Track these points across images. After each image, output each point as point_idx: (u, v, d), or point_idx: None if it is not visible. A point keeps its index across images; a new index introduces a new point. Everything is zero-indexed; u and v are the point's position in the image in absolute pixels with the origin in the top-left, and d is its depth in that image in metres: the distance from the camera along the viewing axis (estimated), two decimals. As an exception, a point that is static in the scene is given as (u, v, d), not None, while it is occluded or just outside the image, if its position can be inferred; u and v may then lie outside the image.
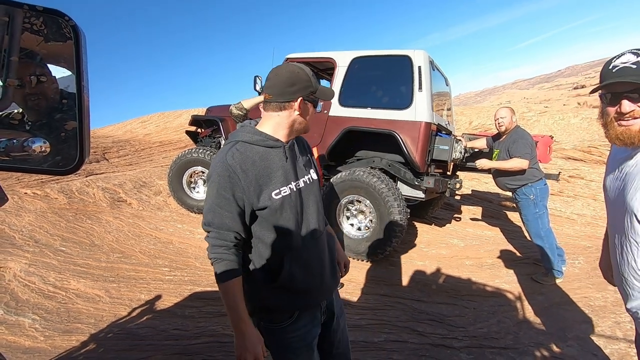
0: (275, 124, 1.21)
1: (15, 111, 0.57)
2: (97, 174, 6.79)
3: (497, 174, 3.62)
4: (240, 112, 3.37)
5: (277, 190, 1.16)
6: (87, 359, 2.33)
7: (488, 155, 3.91)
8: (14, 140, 0.57)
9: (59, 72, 0.56)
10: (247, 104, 3.40)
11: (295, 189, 1.21)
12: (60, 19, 0.52)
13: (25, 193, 4.91)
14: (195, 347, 2.46)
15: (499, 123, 3.53)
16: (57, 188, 5.14)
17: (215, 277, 1.12)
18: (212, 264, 1.13)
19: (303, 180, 1.26)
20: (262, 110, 1.25)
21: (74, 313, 2.89)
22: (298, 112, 1.20)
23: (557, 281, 3.39)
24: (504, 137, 3.56)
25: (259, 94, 4.23)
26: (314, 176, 1.33)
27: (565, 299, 3.13)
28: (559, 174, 4.51)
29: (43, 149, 0.57)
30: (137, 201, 5.19)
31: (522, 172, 3.36)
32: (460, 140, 4.07)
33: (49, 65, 0.56)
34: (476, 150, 4.22)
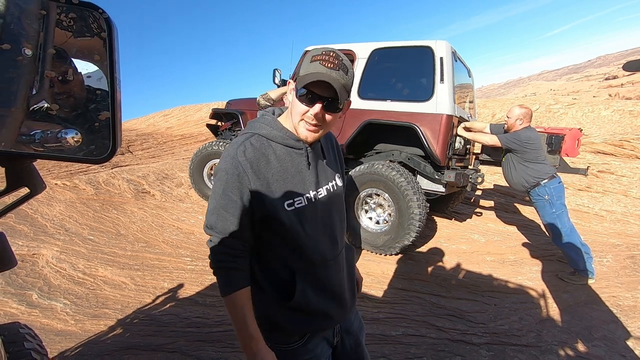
0: (286, 114, 1.07)
1: (50, 104, 0.59)
2: (122, 166, 7.01)
3: (507, 174, 3.61)
4: (268, 103, 3.36)
5: (291, 201, 0.99)
6: (115, 343, 2.43)
7: (496, 153, 3.95)
8: (49, 132, 0.59)
9: (92, 64, 0.58)
10: (274, 94, 3.39)
11: (314, 200, 1.03)
12: (95, 11, 0.54)
13: (56, 184, 5.13)
14: (216, 334, 2.53)
15: (505, 120, 3.60)
16: (85, 179, 5.35)
17: (220, 288, 0.97)
18: (214, 274, 0.98)
19: (326, 188, 1.08)
20: (285, 101, 1.09)
21: (101, 299, 3.02)
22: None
23: (590, 282, 3.25)
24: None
25: (278, 87, 4.24)
26: (339, 183, 1.15)
27: (592, 297, 3.03)
28: (587, 169, 4.33)
29: (75, 139, 0.60)
30: (160, 193, 5.33)
31: (529, 168, 3.37)
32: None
33: (82, 58, 0.58)
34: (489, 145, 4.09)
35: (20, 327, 1.40)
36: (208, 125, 5.82)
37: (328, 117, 0.98)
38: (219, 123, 5.70)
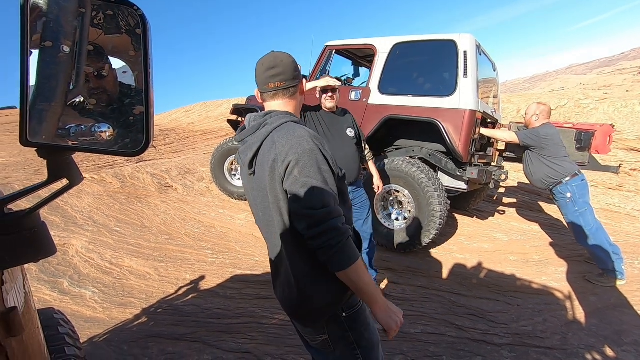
0: (290, 110, 1.16)
1: (87, 99, 0.61)
2: (146, 161, 7.22)
3: (528, 171, 3.53)
4: None
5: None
6: (140, 331, 2.52)
7: (519, 150, 3.85)
8: (82, 126, 0.62)
9: (126, 60, 0.60)
10: None
11: None
12: (130, 9, 0.56)
13: (85, 177, 5.34)
14: (236, 326, 2.58)
15: (523, 116, 3.58)
16: (112, 173, 5.54)
17: (346, 261, 0.97)
18: (339, 251, 0.96)
19: None
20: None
21: (127, 288, 3.14)
22: (302, 94, 1.21)
23: (619, 283, 3.12)
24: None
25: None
26: None
27: (622, 301, 2.91)
28: (619, 167, 4.14)
29: (108, 133, 0.62)
30: (182, 187, 5.47)
31: (549, 166, 3.30)
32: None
33: (117, 54, 0.60)
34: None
35: (55, 313, 1.48)
36: (229, 121, 5.90)
37: None
38: (240, 119, 5.77)
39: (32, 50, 0.54)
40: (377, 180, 2.98)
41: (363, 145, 2.94)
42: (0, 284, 0.58)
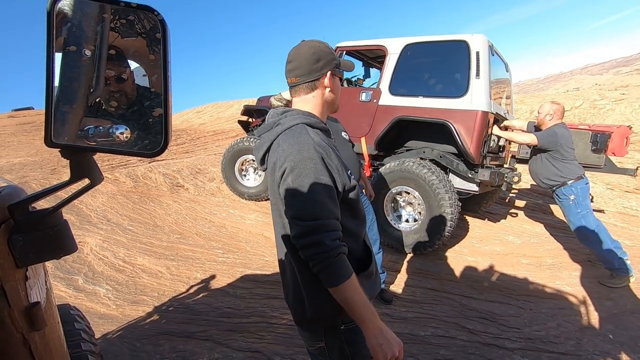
0: (311, 108, 1.10)
1: (108, 101, 0.63)
2: (158, 161, 7.32)
3: (533, 169, 3.50)
4: (280, 104, 3.42)
5: (349, 172, 1.09)
6: (153, 328, 2.56)
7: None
8: (101, 127, 0.64)
9: (146, 63, 0.62)
10: (288, 94, 3.43)
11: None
12: (150, 14, 0.57)
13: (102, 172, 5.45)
14: (246, 325, 2.60)
15: (536, 116, 3.54)
16: (125, 173, 5.64)
17: (334, 279, 0.92)
18: (326, 267, 0.91)
19: None
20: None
21: (140, 286, 3.19)
22: (329, 89, 1.10)
23: (632, 280, 3.08)
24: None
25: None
26: None
27: (638, 306, 2.84)
28: (636, 169, 4.04)
29: (125, 135, 0.64)
30: (194, 187, 5.53)
31: (557, 167, 3.27)
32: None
33: (137, 58, 0.62)
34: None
35: (71, 309, 1.52)
36: (240, 122, 5.95)
37: None
38: (250, 119, 5.81)
39: (57, 54, 0.56)
40: (370, 189, 2.93)
41: None
42: (24, 279, 0.60)
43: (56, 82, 0.56)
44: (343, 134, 2.77)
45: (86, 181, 0.62)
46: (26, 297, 0.60)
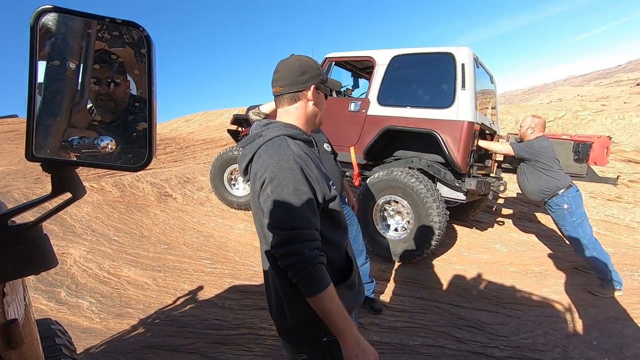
0: (294, 119, 1.12)
1: (92, 114, 0.63)
2: (146, 170, 7.23)
3: (523, 184, 3.56)
4: (258, 118, 3.40)
5: (331, 183, 1.10)
6: (138, 342, 2.50)
7: (516, 161, 3.84)
8: (85, 139, 0.63)
9: (130, 78, 0.62)
10: (266, 108, 3.43)
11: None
12: (135, 29, 0.58)
13: (84, 186, 5.35)
14: (234, 337, 2.56)
15: (518, 129, 3.66)
16: (111, 182, 5.55)
17: (312, 288, 0.93)
18: (304, 277, 0.92)
19: None
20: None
21: (125, 298, 3.12)
22: (312, 102, 1.12)
23: (617, 294, 3.12)
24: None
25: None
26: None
27: (622, 313, 2.89)
28: (617, 178, 4.15)
29: (110, 146, 0.63)
30: (182, 196, 5.47)
31: (543, 179, 3.33)
32: None
33: (122, 73, 0.62)
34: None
35: (52, 324, 1.47)
36: (229, 131, 5.93)
37: None
38: (240, 128, 5.80)
39: (39, 66, 0.55)
40: (352, 200, 2.91)
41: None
42: (1, 295, 0.59)
43: (39, 96, 0.56)
44: (325, 145, 2.77)
45: (68, 195, 0.61)
46: (3, 314, 0.58)
